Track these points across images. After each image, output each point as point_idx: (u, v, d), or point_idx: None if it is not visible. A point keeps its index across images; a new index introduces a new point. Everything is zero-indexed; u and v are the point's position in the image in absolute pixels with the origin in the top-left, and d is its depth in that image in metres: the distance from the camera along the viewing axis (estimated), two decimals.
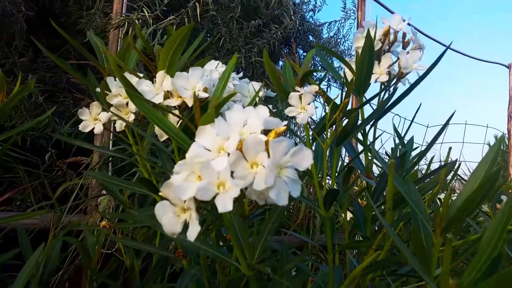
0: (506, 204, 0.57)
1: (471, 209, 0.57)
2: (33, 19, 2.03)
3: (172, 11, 2.08)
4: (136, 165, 1.47)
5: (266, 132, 0.49)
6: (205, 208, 0.55)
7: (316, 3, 3.36)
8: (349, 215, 1.19)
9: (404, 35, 0.87)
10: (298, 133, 1.97)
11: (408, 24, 0.86)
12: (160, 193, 0.47)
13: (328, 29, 3.38)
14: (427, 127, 4.02)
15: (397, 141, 1.00)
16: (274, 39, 2.83)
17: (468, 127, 4.00)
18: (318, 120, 0.88)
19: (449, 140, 3.78)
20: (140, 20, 1.80)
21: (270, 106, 0.96)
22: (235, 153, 0.44)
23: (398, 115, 3.38)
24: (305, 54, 3.37)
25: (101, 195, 1.44)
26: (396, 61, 0.85)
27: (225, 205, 0.42)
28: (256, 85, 0.96)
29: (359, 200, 1.05)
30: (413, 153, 0.98)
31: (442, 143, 3.68)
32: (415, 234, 0.62)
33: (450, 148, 0.87)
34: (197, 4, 1.90)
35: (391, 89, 0.91)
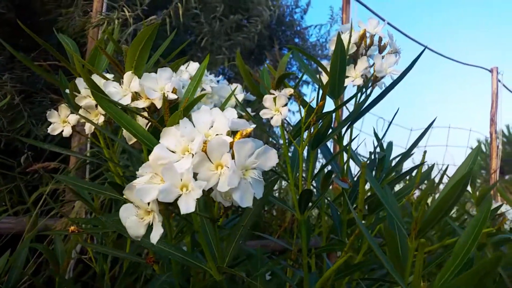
0: (480, 210, 0.57)
1: (444, 212, 0.57)
2: (12, 18, 1.98)
3: (156, 9, 2.05)
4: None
5: (234, 135, 0.48)
6: (178, 214, 0.53)
7: (308, 4, 3.39)
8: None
9: (380, 39, 0.87)
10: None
11: (393, 27, 0.86)
12: (124, 196, 0.46)
13: (318, 32, 3.41)
14: (411, 130, 4.08)
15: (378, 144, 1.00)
16: (254, 33, 2.82)
17: (452, 131, 4.07)
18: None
19: (433, 143, 3.83)
20: (121, 20, 1.77)
21: (249, 109, 0.95)
22: (199, 154, 0.43)
23: (382, 118, 3.42)
24: (291, 56, 3.38)
25: (76, 199, 1.41)
26: (373, 65, 0.85)
27: (187, 206, 0.41)
28: (237, 87, 0.95)
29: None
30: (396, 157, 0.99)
31: (425, 146, 3.73)
32: (390, 237, 0.62)
33: (425, 152, 0.88)
34: (179, 4, 1.88)
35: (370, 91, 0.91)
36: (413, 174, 1.12)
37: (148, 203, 0.44)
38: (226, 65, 2.67)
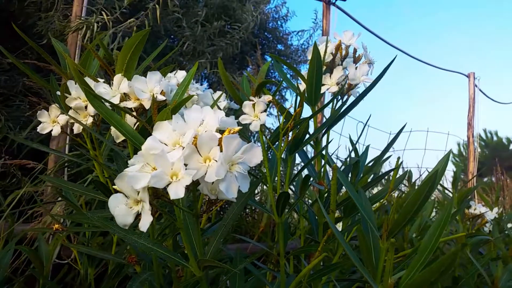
0: (442, 213, 0.62)
1: (413, 213, 0.61)
2: None
3: (135, 12, 2.07)
4: (92, 171, 1.44)
5: (222, 133, 0.51)
6: (162, 211, 0.56)
7: (288, 11, 3.45)
8: None
9: (355, 50, 0.92)
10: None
11: (372, 33, 0.91)
12: (114, 186, 0.48)
13: (300, 37, 3.48)
14: (390, 134, 4.16)
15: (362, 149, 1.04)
16: (237, 39, 2.86)
17: (431, 134, 4.18)
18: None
19: (412, 146, 3.92)
20: (100, 23, 1.78)
21: (233, 117, 0.98)
22: (189, 147, 0.47)
23: (361, 122, 3.49)
24: (275, 61, 3.42)
25: (55, 201, 1.40)
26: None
27: (177, 192, 0.45)
28: (220, 95, 0.98)
29: None
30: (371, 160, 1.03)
31: (404, 149, 3.82)
32: (362, 238, 0.66)
33: (398, 158, 0.92)
34: (156, 6, 1.90)
35: (348, 99, 0.96)
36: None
37: (138, 193, 0.47)
38: (209, 70, 2.70)
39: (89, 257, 0.96)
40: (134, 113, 0.63)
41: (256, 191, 2.47)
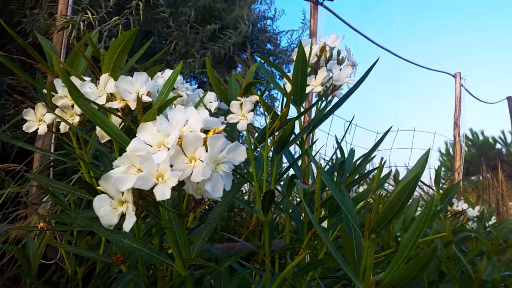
0: (422, 212, 0.64)
1: (395, 212, 0.62)
2: None
3: (121, 11, 2.05)
4: (78, 171, 1.43)
5: (206, 133, 0.52)
6: (148, 211, 0.56)
7: (275, 11, 3.46)
8: None
9: (338, 52, 0.94)
10: None
11: (359, 32, 0.93)
12: (98, 187, 0.48)
13: (290, 37, 3.50)
14: (377, 133, 4.20)
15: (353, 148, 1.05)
16: (230, 44, 2.87)
17: (416, 133, 4.23)
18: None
19: (399, 146, 3.96)
20: (86, 22, 1.77)
21: (222, 118, 0.99)
22: (174, 148, 0.47)
23: (349, 121, 3.51)
24: (262, 61, 3.43)
25: (40, 202, 1.39)
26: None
27: (163, 193, 0.45)
28: (211, 95, 0.98)
29: None
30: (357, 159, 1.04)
31: (391, 149, 3.87)
32: (345, 237, 0.67)
33: (382, 158, 0.94)
34: (140, 3, 1.90)
35: (332, 99, 0.97)
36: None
37: (123, 194, 0.47)
38: (197, 70, 2.70)
39: (77, 257, 0.96)
40: (120, 113, 0.63)
41: (244, 191, 2.47)
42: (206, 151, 0.48)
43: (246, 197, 2.47)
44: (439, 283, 1.27)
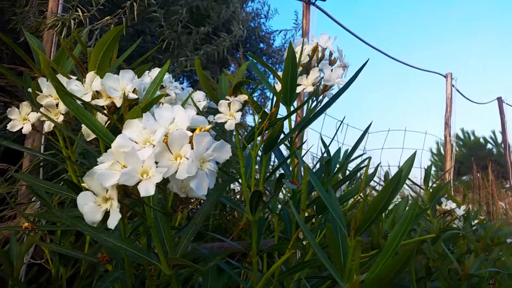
0: (408, 211, 0.64)
1: (379, 211, 0.62)
2: None
3: (114, 9, 2.04)
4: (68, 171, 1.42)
5: (193, 131, 0.52)
6: (133, 210, 0.56)
7: (268, 9, 3.47)
8: None
9: (330, 53, 0.94)
10: None
11: (351, 33, 0.93)
12: (83, 184, 0.48)
13: (283, 37, 3.50)
14: (368, 133, 4.20)
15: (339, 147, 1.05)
16: (224, 46, 2.87)
17: (408, 133, 4.26)
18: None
19: (391, 145, 3.99)
20: (77, 20, 1.75)
21: (212, 117, 0.99)
22: (160, 145, 0.47)
23: (341, 121, 3.52)
24: (254, 61, 3.44)
25: (29, 202, 1.38)
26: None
27: (147, 190, 0.45)
28: (200, 94, 0.98)
29: None
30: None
31: (382, 148, 3.89)
32: (331, 237, 0.67)
33: (369, 158, 0.94)
34: (134, 3, 1.89)
35: (323, 99, 0.97)
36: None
37: (107, 191, 0.47)
38: (188, 68, 2.69)
39: (61, 257, 0.95)
40: (106, 111, 0.63)
41: (236, 190, 2.47)
42: (192, 149, 0.48)
43: (238, 196, 2.47)
44: (426, 279, 1.28)
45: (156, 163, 0.48)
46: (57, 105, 0.74)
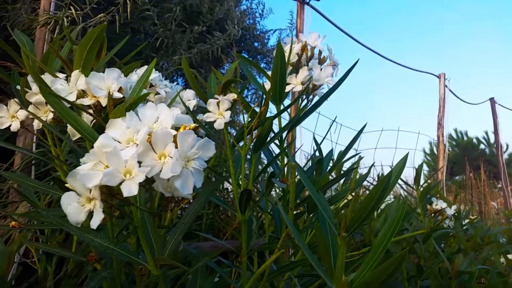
0: (397, 210, 0.64)
1: (369, 210, 0.62)
2: None
3: (108, 7, 2.03)
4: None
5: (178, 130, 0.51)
6: (120, 210, 0.55)
7: (263, 8, 3.47)
8: None
9: (320, 52, 0.94)
10: None
11: (345, 32, 0.93)
12: (66, 184, 0.48)
13: (278, 36, 3.51)
14: (362, 133, 4.21)
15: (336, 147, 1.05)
16: (218, 45, 2.86)
17: (401, 133, 4.27)
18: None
19: (384, 145, 4.00)
20: (70, 18, 1.74)
21: (201, 115, 0.98)
22: (143, 144, 0.46)
23: (335, 121, 3.55)
24: (250, 59, 3.46)
25: (20, 200, 1.37)
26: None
27: (130, 190, 0.44)
28: (190, 93, 0.98)
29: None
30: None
31: (375, 148, 3.90)
32: (320, 236, 0.67)
33: (361, 157, 0.94)
34: (128, 1, 1.88)
35: (313, 98, 0.97)
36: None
37: (90, 191, 0.47)
38: (182, 67, 2.68)
39: (48, 256, 0.94)
40: (91, 111, 0.62)
41: (230, 189, 2.47)
42: (176, 148, 0.48)
43: (233, 196, 2.46)
44: (418, 278, 1.29)
45: (140, 162, 0.47)
46: (46, 103, 0.74)
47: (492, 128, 5.48)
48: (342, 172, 1.25)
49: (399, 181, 1.59)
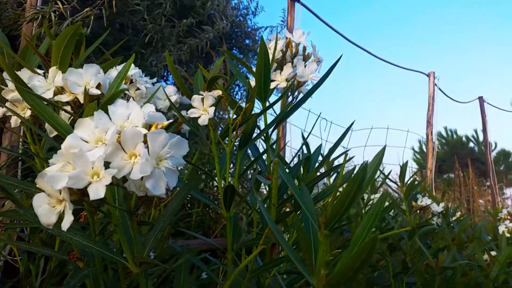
0: (375, 205, 0.64)
1: (346, 206, 0.62)
2: None
3: (96, 0, 2.01)
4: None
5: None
6: (101, 211, 0.54)
7: (257, 6, 3.46)
8: None
9: (304, 48, 0.94)
10: None
11: (336, 30, 0.93)
12: (36, 186, 0.47)
13: (269, 33, 3.50)
14: (352, 130, 4.25)
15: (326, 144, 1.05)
16: (207, 39, 2.85)
17: (391, 132, 4.30)
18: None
19: (374, 143, 4.02)
20: (57, 13, 1.72)
21: (184, 112, 0.97)
22: (112, 144, 0.45)
23: (325, 118, 3.55)
24: (241, 56, 3.45)
25: (4, 199, 1.35)
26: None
27: (97, 192, 0.43)
28: (170, 89, 0.97)
29: None
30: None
31: (365, 146, 3.92)
32: (301, 234, 0.67)
33: (346, 154, 0.94)
34: None
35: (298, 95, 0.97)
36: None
37: (60, 192, 0.46)
38: (162, 63, 2.66)
39: (30, 254, 0.93)
40: (69, 107, 0.61)
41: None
42: (147, 147, 0.47)
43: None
44: (404, 274, 1.30)
45: (109, 163, 0.46)
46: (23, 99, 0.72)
47: (481, 126, 5.53)
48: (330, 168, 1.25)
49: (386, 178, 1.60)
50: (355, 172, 0.63)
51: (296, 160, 1.07)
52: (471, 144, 13.07)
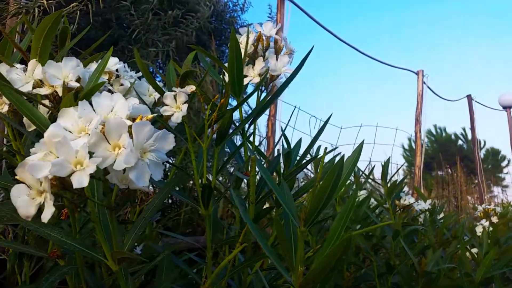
0: (348, 201, 0.64)
1: (323, 202, 0.62)
2: None
3: None
4: None
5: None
6: (80, 207, 0.54)
7: (245, 2, 3.45)
8: None
9: (275, 41, 0.93)
10: None
11: (325, 28, 0.93)
12: (16, 176, 0.46)
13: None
14: (341, 128, 4.28)
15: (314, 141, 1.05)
16: (192, 29, 2.83)
17: (380, 129, 4.32)
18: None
19: (363, 141, 4.05)
20: (42, 8, 1.70)
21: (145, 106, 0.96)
22: (96, 134, 0.45)
23: (314, 116, 3.56)
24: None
25: None
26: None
27: (80, 181, 0.43)
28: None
29: None
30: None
31: (354, 144, 3.93)
32: (280, 230, 0.67)
33: (325, 149, 0.94)
34: None
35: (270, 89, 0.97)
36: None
37: (41, 183, 0.46)
38: (159, 58, 2.64)
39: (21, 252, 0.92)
40: (48, 101, 0.61)
41: None
42: (132, 138, 0.47)
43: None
44: (388, 275, 1.30)
45: (93, 153, 0.46)
46: (1, 95, 0.72)
47: (470, 124, 5.58)
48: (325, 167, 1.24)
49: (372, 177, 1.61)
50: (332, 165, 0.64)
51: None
52: (460, 142, 13.21)
